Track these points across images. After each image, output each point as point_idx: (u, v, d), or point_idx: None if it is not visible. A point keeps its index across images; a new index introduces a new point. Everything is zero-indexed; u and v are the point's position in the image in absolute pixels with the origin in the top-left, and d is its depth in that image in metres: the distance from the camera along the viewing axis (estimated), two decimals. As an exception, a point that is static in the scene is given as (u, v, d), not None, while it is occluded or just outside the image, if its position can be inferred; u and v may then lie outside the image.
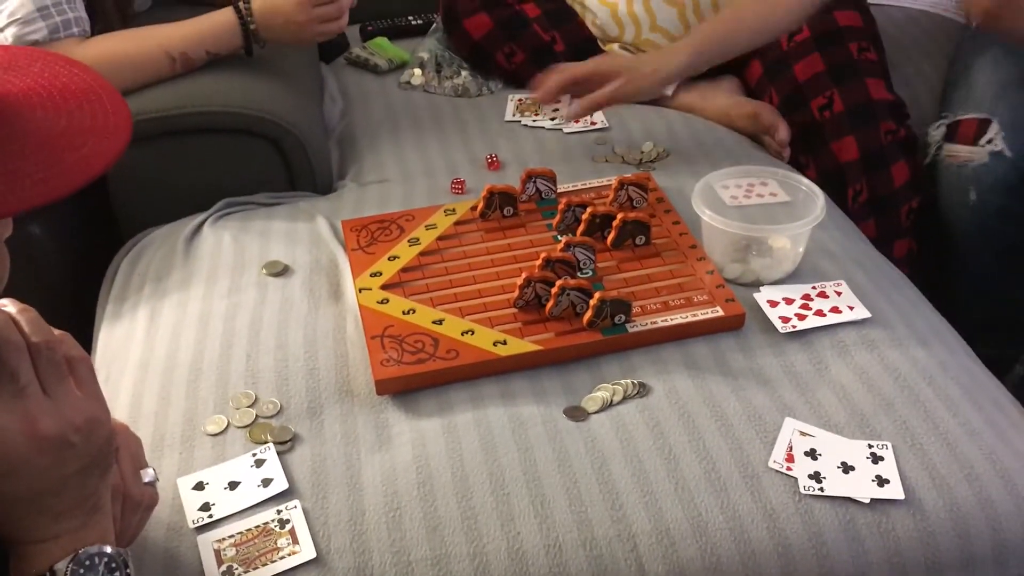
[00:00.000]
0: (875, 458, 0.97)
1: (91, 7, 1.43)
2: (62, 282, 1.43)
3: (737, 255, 1.21)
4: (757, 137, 1.55)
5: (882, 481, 0.94)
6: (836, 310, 1.14)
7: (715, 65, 1.49)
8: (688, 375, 1.07)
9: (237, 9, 1.42)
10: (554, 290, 1.12)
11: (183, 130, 1.41)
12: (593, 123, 1.54)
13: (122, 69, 1.36)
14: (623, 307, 1.11)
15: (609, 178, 1.37)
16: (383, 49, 1.82)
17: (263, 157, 1.45)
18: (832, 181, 1.47)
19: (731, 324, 1.13)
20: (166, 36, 1.41)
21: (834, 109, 1.49)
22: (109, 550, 0.73)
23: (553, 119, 1.56)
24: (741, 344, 1.11)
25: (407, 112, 1.64)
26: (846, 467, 0.96)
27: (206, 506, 0.95)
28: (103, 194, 1.44)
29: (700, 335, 1.12)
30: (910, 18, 1.84)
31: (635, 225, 1.23)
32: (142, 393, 1.09)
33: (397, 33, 1.88)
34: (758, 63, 1.60)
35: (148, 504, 0.85)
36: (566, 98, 1.44)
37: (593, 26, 1.69)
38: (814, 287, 1.17)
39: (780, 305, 1.15)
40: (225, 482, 0.97)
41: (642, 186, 1.31)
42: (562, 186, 1.36)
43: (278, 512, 0.94)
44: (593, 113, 1.45)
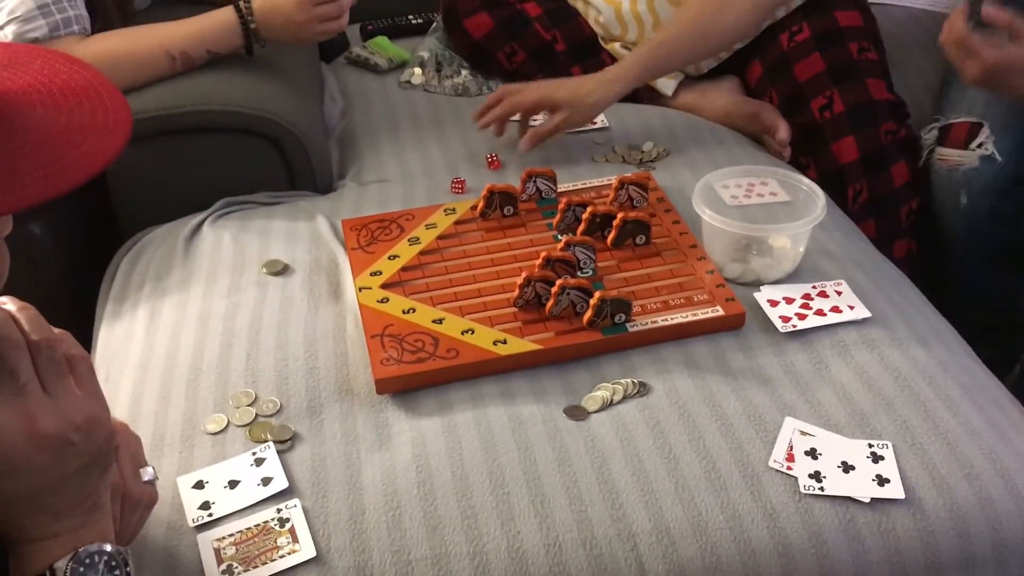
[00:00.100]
0: (875, 457, 0.97)
1: (91, 5, 1.43)
2: (62, 281, 1.43)
3: (737, 254, 1.21)
4: (757, 137, 1.55)
5: (882, 481, 0.94)
6: (836, 310, 1.14)
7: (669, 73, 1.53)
8: (688, 374, 1.07)
9: (237, 8, 1.42)
10: (554, 289, 1.12)
11: (183, 129, 1.41)
12: (593, 123, 1.54)
13: (122, 67, 1.36)
14: (623, 306, 1.11)
15: (609, 177, 1.37)
16: (383, 48, 1.82)
17: (263, 156, 1.45)
18: (832, 181, 1.47)
19: (731, 323, 1.13)
20: (166, 35, 1.41)
21: (834, 109, 1.49)
22: (109, 548, 0.73)
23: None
24: (741, 343, 1.11)
25: (407, 111, 1.64)
26: (846, 466, 0.96)
27: (206, 505, 0.95)
28: (103, 193, 1.44)
29: (700, 334, 1.12)
30: (912, 17, 1.83)
31: (635, 224, 1.23)
32: (142, 392, 1.09)
33: (397, 32, 1.88)
34: (758, 63, 1.60)
35: (148, 503, 0.85)
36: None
37: (596, 24, 1.69)
38: (814, 287, 1.17)
39: (780, 305, 1.15)
40: (225, 481, 0.97)
41: (642, 185, 1.31)
42: (562, 185, 1.36)
43: (278, 511, 0.94)
44: (538, 144, 1.46)
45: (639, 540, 0.90)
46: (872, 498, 0.93)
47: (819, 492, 0.93)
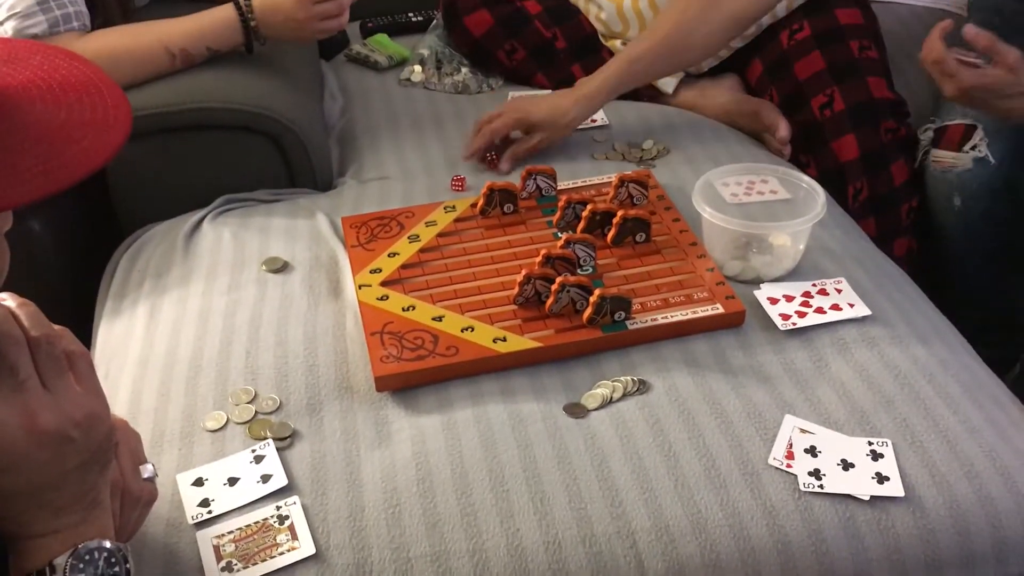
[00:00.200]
0: (875, 455, 0.97)
1: (91, 1, 1.43)
2: (61, 277, 1.43)
3: (737, 252, 1.21)
4: (758, 135, 1.55)
5: (882, 478, 0.94)
6: (836, 307, 1.14)
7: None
8: (688, 372, 1.07)
9: (238, 5, 1.42)
10: (554, 287, 1.12)
11: (183, 126, 1.40)
12: (593, 120, 1.54)
13: (121, 64, 1.36)
14: (623, 304, 1.11)
15: (609, 175, 1.37)
16: (383, 46, 1.81)
17: (263, 154, 1.45)
18: (832, 179, 1.47)
19: (731, 321, 1.13)
20: (166, 32, 1.41)
21: (835, 108, 1.49)
22: (108, 545, 0.73)
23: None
24: (741, 341, 1.11)
25: (407, 109, 1.64)
26: (846, 464, 0.96)
27: (205, 502, 0.95)
28: (103, 190, 1.44)
29: (700, 332, 1.12)
30: (913, 14, 1.83)
31: (635, 222, 1.23)
32: (141, 389, 1.09)
33: (397, 30, 1.88)
34: (759, 61, 1.60)
35: (147, 500, 0.85)
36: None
37: (597, 21, 1.69)
38: (814, 284, 1.17)
39: (780, 302, 1.15)
40: (224, 478, 0.97)
41: (642, 183, 1.31)
42: (562, 183, 1.36)
43: (277, 508, 0.94)
44: (517, 165, 1.46)
45: (638, 538, 0.90)
46: (872, 496, 0.93)
47: (819, 490, 0.93)
